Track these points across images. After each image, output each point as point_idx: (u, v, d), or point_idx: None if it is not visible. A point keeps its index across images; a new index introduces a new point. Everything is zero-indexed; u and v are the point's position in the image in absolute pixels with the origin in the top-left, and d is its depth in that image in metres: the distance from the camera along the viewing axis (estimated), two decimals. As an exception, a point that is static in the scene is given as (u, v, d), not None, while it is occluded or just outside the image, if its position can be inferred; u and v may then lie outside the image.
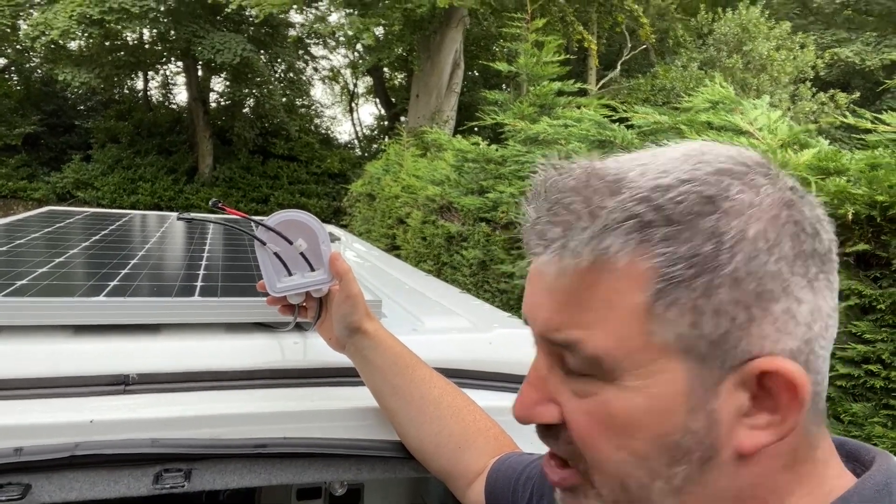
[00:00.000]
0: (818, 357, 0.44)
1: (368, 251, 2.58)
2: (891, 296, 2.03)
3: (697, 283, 0.42)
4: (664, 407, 0.44)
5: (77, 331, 1.01)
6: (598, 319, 0.45)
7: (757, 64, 13.33)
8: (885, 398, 2.05)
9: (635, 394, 0.45)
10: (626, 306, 0.44)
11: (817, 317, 0.44)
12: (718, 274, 0.42)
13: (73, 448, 0.82)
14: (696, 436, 0.44)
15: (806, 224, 0.44)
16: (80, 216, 2.30)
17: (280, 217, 0.91)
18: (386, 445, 0.96)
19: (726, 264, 0.42)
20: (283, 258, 0.92)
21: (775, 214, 0.43)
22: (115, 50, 17.15)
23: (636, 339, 0.44)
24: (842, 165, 2.39)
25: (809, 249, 0.44)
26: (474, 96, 15.51)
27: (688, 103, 3.72)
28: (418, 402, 0.91)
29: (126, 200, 16.69)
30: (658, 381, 0.44)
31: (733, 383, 0.44)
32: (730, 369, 0.43)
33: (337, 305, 0.94)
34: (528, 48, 6.01)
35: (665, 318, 0.43)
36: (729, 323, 0.42)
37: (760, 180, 0.45)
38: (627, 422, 0.46)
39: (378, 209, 8.41)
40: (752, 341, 0.43)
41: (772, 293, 0.42)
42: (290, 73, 20.30)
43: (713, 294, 0.42)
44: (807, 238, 0.44)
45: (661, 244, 0.43)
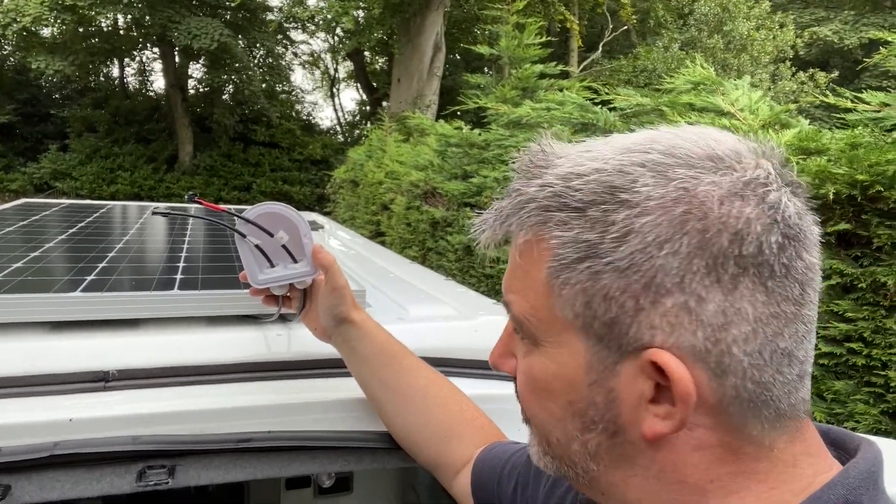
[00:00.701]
0: (738, 361, 0.43)
1: (352, 239, 2.56)
2: (871, 274, 2.05)
3: (583, 267, 0.45)
4: (570, 376, 0.49)
5: (54, 327, 0.99)
6: (522, 287, 0.51)
7: (737, 44, 13.38)
8: (866, 376, 2.08)
9: (550, 360, 0.50)
10: (537, 279, 0.49)
11: (735, 320, 0.43)
12: (602, 261, 0.44)
13: (52, 447, 0.80)
14: (598, 409, 0.48)
15: (723, 224, 0.43)
16: (57, 208, 2.26)
17: (259, 209, 0.90)
18: (372, 436, 0.95)
19: (610, 253, 0.44)
20: (264, 250, 0.90)
21: (678, 210, 0.43)
22: (90, 36, 16.82)
23: (545, 311, 0.49)
24: (822, 145, 2.40)
25: (722, 251, 0.42)
26: (457, 80, 15.44)
27: (670, 84, 3.72)
28: (405, 392, 0.91)
29: (105, 190, 16.45)
30: (564, 352, 0.49)
31: (632, 368, 0.45)
32: (626, 353, 0.46)
33: (323, 297, 0.93)
34: (509, 30, 5.97)
35: (562, 295, 0.47)
36: (618, 309, 0.45)
37: (685, 173, 0.44)
38: (544, 385, 0.51)
39: (362, 196, 8.37)
40: (641, 330, 0.44)
41: (662, 286, 0.43)
42: (269, 58, 20.04)
43: (599, 279, 0.45)
44: (721, 239, 0.43)
45: (556, 227, 0.46)
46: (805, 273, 0.45)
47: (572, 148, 0.51)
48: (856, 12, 17.49)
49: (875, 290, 2.06)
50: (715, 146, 0.46)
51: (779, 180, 0.45)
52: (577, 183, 0.46)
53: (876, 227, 2.06)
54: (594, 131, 4.00)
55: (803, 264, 0.45)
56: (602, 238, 0.44)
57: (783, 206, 0.44)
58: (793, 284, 0.44)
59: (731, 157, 0.45)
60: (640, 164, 0.45)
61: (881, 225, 2.05)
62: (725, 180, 0.44)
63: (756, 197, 0.44)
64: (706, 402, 0.44)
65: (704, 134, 0.47)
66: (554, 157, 0.50)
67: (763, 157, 0.47)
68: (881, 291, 2.05)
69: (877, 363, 2.04)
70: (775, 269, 0.43)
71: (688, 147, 0.46)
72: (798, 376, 0.46)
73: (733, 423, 0.45)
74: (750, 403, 0.44)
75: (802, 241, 0.45)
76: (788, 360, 0.45)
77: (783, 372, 0.44)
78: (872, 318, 2.06)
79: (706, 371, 0.44)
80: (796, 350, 0.45)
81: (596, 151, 0.48)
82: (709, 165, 0.45)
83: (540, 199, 0.48)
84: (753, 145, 0.48)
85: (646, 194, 0.44)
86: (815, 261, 0.46)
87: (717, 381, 0.44)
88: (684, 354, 0.44)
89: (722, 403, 0.44)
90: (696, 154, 0.45)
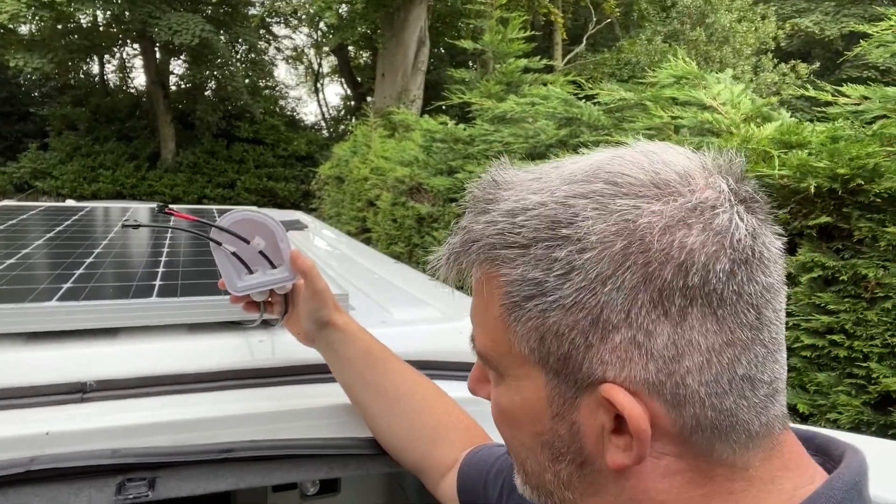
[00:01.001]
0: (694, 392, 0.43)
1: (337, 238, 2.55)
2: (853, 267, 2.07)
3: (531, 305, 0.45)
4: (534, 409, 0.49)
5: (30, 338, 0.97)
6: (482, 322, 0.51)
7: (720, 36, 13.45)
8: (848, 367, 2.10)
9: (514, 393, 0.50)
10: (493, 315, 0.49)
11: (686, 351, 0.42)
12: (548, 299, 0.44)
13: (28, 463, 0.79)
14: (563, 440, 0.48)
15: (665, 256, 0.42)
16: (35, 211, 2.22)
17: (233, 217, 0.88)
18: (357, 443, 0.95)
19: (555, 290, 0.44)
20: (241, 257, 0.89)
21: (618, 245, 0.42)
22: (68, 33, 16.56)
23: (503, 346, 0.49)
24: (803, 138, 2.42)
25: (667, 283, 0.41)
26: (441, 74, 15.39)
27: (653, 78, 3.73)
28: (390, 395, 0.90)
29: (87, 189, 16.24)
30: (526, 385, 0.49)
31: (591, 402, 0.45)
32: (582, 388, 0.45)
33: (304, 302, 0.92)
34: (493, 25, 5.96)
35: (517, 332, 0.47)
36: (569, 345, 0.44)
37: (626, 204, 0.43)
38: (511, 417, 0.52)
39: (347, 192, 8.33)
40: (593, 366, 0.44)
41: (609, 322, 0.43)
42: (251, 53, 19.85)
43: (547, 317, 0.45)
44: (664, 272, 0.41)
45: (504, 265, 0.46)
46: (761, 296, 0.43)
47: (523, 175, 0.50)
48: (836, 3, 17.64)
49: (856, 282, 2.08)
50: (662, 170, 0.44)
51: (731, 199, 0.44)
52: (521, 219, 0.46)
53: (857, 220, 2.08)
54: (578, 126, 4.00)
55: (758, 287, 0.43)
56: (547, 276, 0.44)
57: (732, 228, 0.42)
58: (746, 310, 0.43)
59: (676, 181, 0.44)
60: (583, 196, 0.44)
61: (862, 218, 2.07)
62: (668, 208, 0.42)
63: (701, 223, 0.42)
64: (667, 433, 0.44)
65: (655, 155, 0.46)
66: (503, 188, 0.49)
67: (718, 174, 0.45)
68: (862, 284, 2.07)
69: (858, 355, 2.06)
70: (725, 296, 0.42)
71: (633, 173, 0.44)
72: (767, 396, 0.45)
73: (700, 449, 0.44)
74: (714, 430, 0.44)
75: (755, 263, 0.43)
76: (751, 385, 0.44)
77: (747, 397, 0.44)
78: (854, 311, 2.07)
79: (662, 403, 0.43)
80: (759, 374, 0.44)
81: (543, 180, 0.48)
82: (652, 193, 0.43)
83: (486, 237, 0.47)
84: (708, 161, 0.46)
85: (586, 229, 0.43)
86: (774, 280, 0.45)
87: (675, 411, 0.43)
88: (638, 388, 0.43)
89: (683, 433, 0.44)
90: (640, 181, 0.44)
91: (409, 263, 4.81)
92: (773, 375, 0.45)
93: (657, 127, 3.18)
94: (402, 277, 1.63)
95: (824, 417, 2.13)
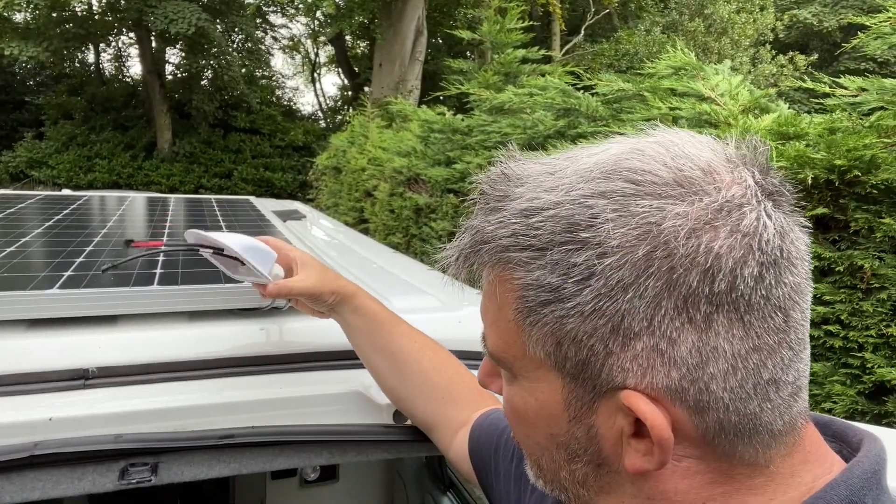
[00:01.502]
0: (718, 398, 0.42)
1: (335, 228, 2.55)
2: (848, 258, 2.08)
3: (547, 311, 0.43)
4: (550, 411, 0.48)
5: (32, 325, 0.97)
6: (494, 323, 0.49)
7: (718, 27, 13.41)
8: (843, 357, 2.11)
9: (529, 394, 0.49)
10: (506, 317, 0.47)
11: (711, 358, 0.41)
12: (566, 305, 0.42)
13: (32, 448, 0.79)
14: (580, 442, 0.47)
15: (691, 262, 0.40)
16: (33, 200, 2.22)
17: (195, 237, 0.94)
18: (357, 429, 0.96)
19: (574, 297, 0.42)
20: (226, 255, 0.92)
21: (641, 251, 0.40)
22: (64, 21, 16.43)
23: (518, 348, 0.47)
24: (801, 130, 2.42)
25: (692, 290, 0.40)
26: (439, 64, 15.32)
27: (651, 69, 3.72)
28: (400, 356, 0.93)
29: (83, 179, 16.19)
30: (542, 387, 0.48)
31: (609, 407, 0.44)
32: (601, 393, 0.44)
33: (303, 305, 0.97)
34: (490, 15, 5.94)
35: (532, 335, 0.45)
36: (588, 351, 0.43)
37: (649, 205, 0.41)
38: (526, 417, 0.50)
39: (345, 182, 8.31)
40: (613, 372, 0.43)
41: (630, 330, 0.41)
42: (248, 42, 19.72)
43: (565, 323, 0.43)
44: (689, 278, 0.40)
45: (518, 268, 0.45)
46: (789, 297, 0.42)
47: (535, 168, 0.47)
48: (835, -5, 17.61)
49: (852, 273, 2.09)
50: (685, 165, 0.42)
51: (758, 194, 0.42)
52: (535, 220, 0.43)
53: (853, 211, 2.09)
54: (577, 116, 4.00)
55: (786, 289, 0.42)
56: (564, 281, 0.42)
57: (760, 229, 0.41)
58: (774, 314, 0.41)
59: (701, 178, 0.42)
60: (602, 195, 0.42)
61: (858, 209, 2.08)
62: (694, 210, 0.40)
63: (729, 225, 0.40)
64: (689, 437, 0.43)
65: (677, 148, 0.44)
66: (515, 184, 0.47)
67: (743, 166, 0.43)
68: (858, 274, 2.08)
69: (853, 345, 2.08)
70: (752, 302, 0.41)
71: (655, 170, 0.42)
72: (790, 395, 0.44)
73: (723, 451, 0.43)
74: (737, 433, 0.43)
75: (784, 263, 0.42)
76: (776, 387, 0.43)
77: (771, 399, 0.43)
78: (849, 301, 2.09)
79: (685, 409, 0.42)
80: (784, 375, 0.43)
81: (559, 175, 0.45)
82: (676, 192, 0.41)
83: (498, 238, 0.45)
84: (732, 152, 0.44)
85: (606, 232, 0.41)
86: (802, 279, 0.43)
87: (698, 417, 0.42)
88: (660, 395, 0.42)
89: (706, 437, 0.43)
90: (663, 179, 0.42)
91: (407, 254, 4.83)
92: (798, 374, 0.44)
93: (655, 118, 3.18)
94: (400, 267, 1.64)
95: (819, 407, 2.15)
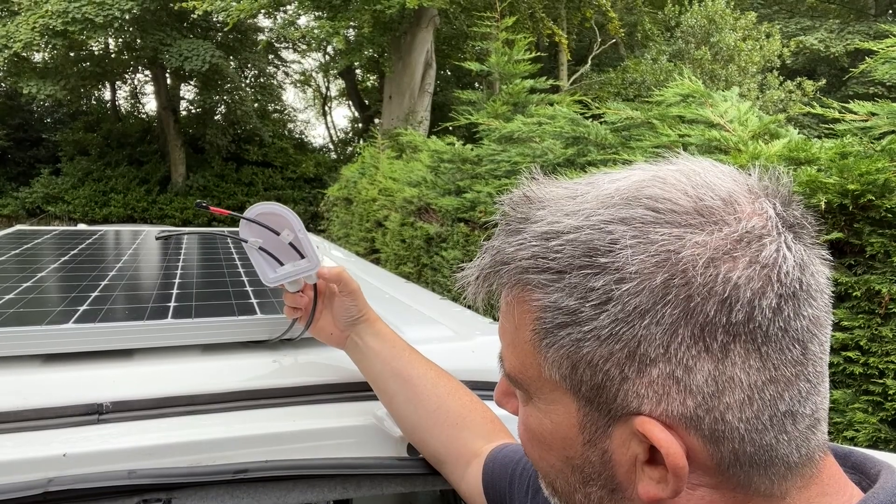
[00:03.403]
0: (734, 428, 0.41)
1: (346, 258, 2.56)
2: (865, 283, 2.05)
3: (564, 334, 0.44)
4: (565, 434, 0.48)
5: (47, 360, 0.98)
6: (511, 344, 0.50)
7: (725, 55, 13.51)
8: (864, 384, 2.08)
9: (544, 416, 0.49)
10: (523, 339, 0.47)
11: (727, 387, 0.41)
12: (583, 329, 0.43)
13: (46, 484, 0.79)
14: (594, 466, 0.47)
15: (709, 292, 0.40)
16: (50, 235, 2.24)
17: (258, 209, 0.93)
18: (371, 462, 0.94)
19: (590, 321, 0.42)
20: (270, 250, 0.93)
21: (659, 278, 0.40)
22: (81, 60, 16.86)
23: (533, 369, 0.48)
24: (812, 155, 2.42)
25: (709, 319, 0.40)
26: (448, 96, 15.52)
27: (659, 97, 3.75)
28: (416, 382, 0.93)
29: (98, 213, 16.42)
30: (557, 410, 0.48)
31: (624, 432, 0.44)
32: (616, 418, 0.44)
33: (340, 302, 0.97)
34: (498, 47, 6.02)
35: (548, 357, 0.46)
36: (603, 376, 0.43)
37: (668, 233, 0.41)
38: (541, 438, 0.50)
39: (356, 213, 8.37)
40: (628, 398, 0.43)
41: (647, 356, 0.41)
42: (260, 78, 20.14)
43: (581, 347, 0.43)
44: (707, 307, 0.40)
45: (536, 290, 0.45)
46: (807, 330, 0.42)
47: (557, 191, 0.48)
48: (840, 21, 17.71)
49: (870, 298, 2.07)
50: (705, 195, 0.42)
51: (779, 226, 0.42)
52: (555, 244, 0.44)
53: (868, 235, 2.07)
54: (585, 145, 4.02)
55: (804, 322, 0.41)
56: (582, 305, 0.42)
57: (780, 261, 0.41)
58: (791, 346, 0.41)
59: (721, 208, 0.42)
60: (622, 222, 0.42)
61: (873, 233, 2.06)
62: (713, 239, 0.41)
63: (748, 256, 0.40)
64: (704, 466, 0.43)
65: (698, 177, 0.44)
66: (536, 207, 0.47)
67: (765, 197, 0.43)
68: (876, 299, 2.05)
69: (874, 371, 2.04)
70: (770, 333, 0.40)
71: (675, 198, 0.42)
72: (808, 427, 0.43)
73: (738, 482, 0.43)
74: (753, 464, 0.42)
75: (803, 296, 0.41)
76: (793, 419, 0.42)
77: (788, 431, 0.42)
78: (868, 327, 2.06)
79: (700, 438, 0.42)
80: (801, 408, 0.42)
81: (580, 200, 0.46)
82: (696, 221, 0.41)
83: (518, 260, 0.46)
84: (754, 183, 0.44)
85: (625, 258, 0.41)
86: (821, 312, 0.43)
87: (713, 446, 0.42)
88: (675, 423, 0.42)
89: (721, 467, 0.43)
90: (683, 208, 0.42)
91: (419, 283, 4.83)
92: (815, 406, 0.43)
93: (665, 145, 3.19)
94: (412, 296, 1.64)
95: (841, 436, 2.11)
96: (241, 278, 1.42)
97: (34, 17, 13.63)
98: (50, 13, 13.53)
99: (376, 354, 0.95)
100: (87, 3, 13.56)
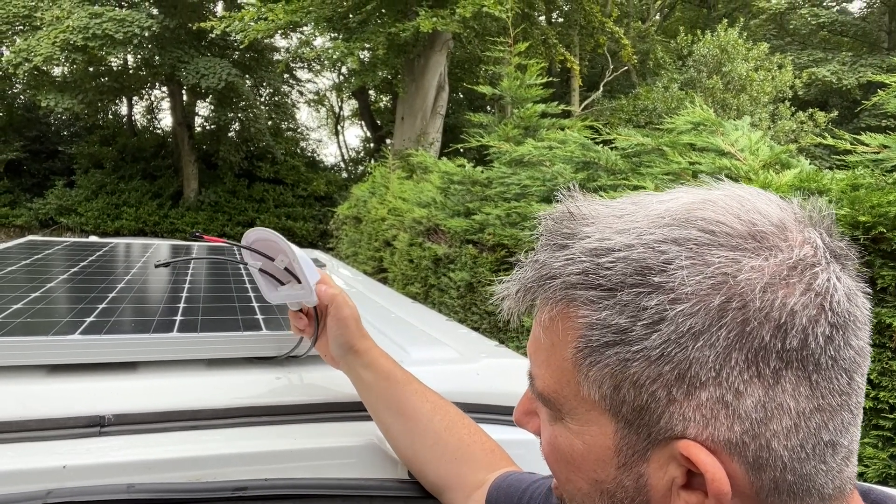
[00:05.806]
0: (778, 455, 0.41)
1: (353, 277, 2.56)
2: (876, 316, 2.03)
3: (611, 352, 0.43)
4: (598, 456, 0.47)
5: (51, 370, 0.98)
6: (546, 362, 0.49)
7: (737, 84, 13.55)
8: (874, 419, 2.04)
9: (575, 437, 0.48)
10: (563, 356, 0.46)
11: (776, 414, 0.40)
12: (632, 348, 0.42)
13: (44, 496, 0.78)
14: (627, 491, 0.46)
15: (765, 317, 0.40)
16: (61, 246, 2.26)
17: (254, 235, 0.94)
18: (372, 484, 0.93)
19: (641, 340, 0.42)
20: (270, 272, 0.95)
21: (716, 300, 0.40)
22: (99, 76, 17.12)
23: (570, 388, 0.47)
24: (823, 186, 2.41)
25: (763, 344, 0.40)
26: (459, 118, 15.63)
27: (670, 124, 3.76)
28: (412, 415, 0.91)
29: (110, 226, 16.55)
30: (592, 431, 0.47)
31: (663, 455, 0.43)
32: (656, 441, 0.43)
33: (329, 328, 0.95)
34: (511, 71, 6.07)
35: (589, 376, 0.45)
36: (648, 397, 0.42)
37: (725, 256, 0.41)
38: (570, 459, 0.49)
39: (365, 232, 8.40)
40: (673, 421, 0.42)
41: (697, 379, 0.41)
42: (275, 96, 20.37)
43: (628, 366, 0.42)
44: (763, 332, 0.40)
45: (584, 306, 0.44)
46: (853, 360, 0.42)
47: (602, 210, 0.47)
48: (853, 54, 17.77)
49: (880, 331, 2.04)
50: (758, 220, 0.42)
51: (827, 256, 0.42)
52: (606, 261, 0.43)
53: (879, 268, 2.05)
54: (595, 170, 4.02)
55: (851, 353, 0.42)
56: (633, 324, 0.42)
57: (832, 290, 0.41)
58: (840, 375, 0.41)
59: (774, 234, 0.42)
60: (676, 242, 0.42)
61: (885, 266, 2.05)
62: (769, 265, 0.41)
63: (803, 283, 0.41)
64: (743, 493, 0.42)
65: (747, 203, 0.44)
66: (582, 224, 0.47)
67: (811, 226, 0.43)
68: (887, 333, 2.03)
69: (884, 406, 2.01)
70: (821, 361, 0.40)
71: (728, 221, 0.42)
72: (844, 458, 0.43)
73: None
74: (790, 494, 0.42)
75: (851, 326, 0.42)
76: (833, 450, 0.42)
77: (826, 462, 0.42)
78: (879, 360, 2.03)
79: (742, 465, 0.41)
80: (841, 438, 0.42)
81: (628, 219, 0.45)
82: (751, 246, 0.41)
83: (566, 275, 0.45)
84: (799, 212, 0.44)
85: (680, 279, 0.41)
86: (865, 343, 0.43)
87: (755, 474, 0.42)
88: (719, 448, 0.41)
89: (759, 495, 0.42)
90: (737, 231, 0.42)
91: (426, 304, 4.81)
92: (852, 438, 0.44)
93: (675, 172, 3.19)
94: (418, 317, 1.63)
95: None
96: (247, 294, 1.42)
97: (55, 31, 13.88)
98: (71, 28, 13.78)
99: (368, 387, 0.94)
100: (108, 20, 13.81)
